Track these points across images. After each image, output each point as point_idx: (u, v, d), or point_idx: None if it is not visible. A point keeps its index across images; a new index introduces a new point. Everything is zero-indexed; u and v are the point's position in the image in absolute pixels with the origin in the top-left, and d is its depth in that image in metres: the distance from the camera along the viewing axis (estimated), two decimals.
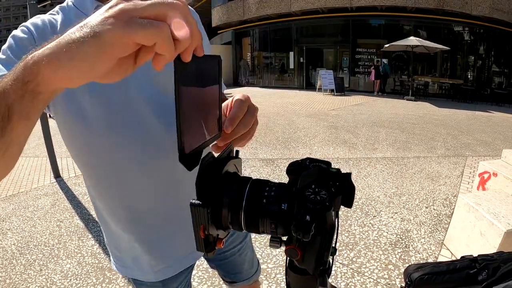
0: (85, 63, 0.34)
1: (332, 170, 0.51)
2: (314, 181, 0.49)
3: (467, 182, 4.31)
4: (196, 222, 0.48)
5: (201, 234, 0.48)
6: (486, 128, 7.81)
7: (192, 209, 0.47)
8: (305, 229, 0.43)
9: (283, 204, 0.50)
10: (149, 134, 0.81)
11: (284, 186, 0.53)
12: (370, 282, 2.36)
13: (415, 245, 2.82)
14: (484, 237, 2.41)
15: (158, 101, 0.81)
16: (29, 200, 4.20)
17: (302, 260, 0.49)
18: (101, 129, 0.78)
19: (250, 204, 0.51)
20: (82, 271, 2.63)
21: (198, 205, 0.47)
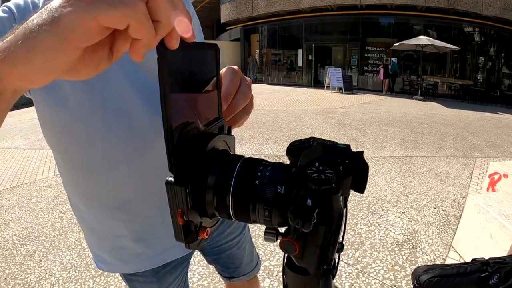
0: (43, 56, 0.28)
1: (341, 145, 0.42)
2: (318, 158, 0.40)
3: (476, 183, 4.22)
4: (172, 205, 0.39)
5: (178, 220, 0.39)
6: (495, 130, 7.69)
7: (168, 188, 0.38)
8: (305, 216, 0.34)
9: (279, 187, 0.40)
10: (133, 120, 0.75)
11: (281, 165, 0.43)
12: (375, 283, 2.30)
13: (423, 246, 2.75)
14: (494, 240, 2.34)
15: (144, 86, 0.74)
16: (33, 191, 4.19)
17: (302, 256, 0.40)
18: (83, 114, 0.71)
19: (240, 186, 0.41)
20: (81, 263, 2.61)
21: (175, 183, 0.37)
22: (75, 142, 0.75)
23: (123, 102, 0.73)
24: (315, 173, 0.37)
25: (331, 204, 0.36)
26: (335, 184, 0.37)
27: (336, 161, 0.39)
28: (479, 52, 15.30)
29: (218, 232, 1.08)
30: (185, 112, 0.40)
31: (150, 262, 0.91)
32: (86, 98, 0.70)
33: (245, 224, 1.19)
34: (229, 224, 1.10)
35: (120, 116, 0.73)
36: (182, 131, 0.38)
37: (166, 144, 0.36)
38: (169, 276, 0.97)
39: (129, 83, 0.73)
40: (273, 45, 19.66)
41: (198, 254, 2.63)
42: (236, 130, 0.63)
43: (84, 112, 0.71)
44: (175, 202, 0.38)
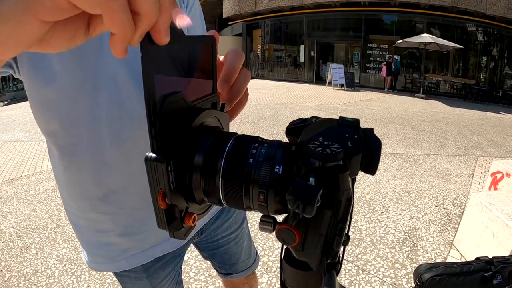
0: (6, 26, 0.25)
1: (349, 119, 0.36)
2: (323, 132, 0.34)
3: (478, 182, 4.19)
4: (153, 186, 0.33)
5: (160, 203, 0.33)
6: (497, 129, 7.65)
7: (147, 165, 0.32)
8: (307, 198, 0.28)
9: (277, 166, 0.34)
10: (125, 102, 0.69)
11: (279, 143, 0.37)
12: (375, 281, 2.27)
13: (424, 244, 2.72)
14: (496, 239, 2.31)
15: (136, 63, 0.69)
16: (31, 183, 4.17)
17: (302, 248, 0.34)
18: (71, 91, 0.66)
19: (231, 166, 0.35)
20: (77, 256, 2.58)
21: (155, 159, 0.32)
22: (61, 122, 0.70)
23: (116, 83, 0.68)
24: (319, 147, 0.32)
25: (338, 184, 0.31)
26: (343, 161, 0.31)
27: (343, 135, 0.34)
28: (482, 52, 15.20)
29: (215, 226, 1.03)
30: (171, 84, 0.35)
31: (138, 258, 0.86)
32: (75, 75, 0.65)
33: (243, 218, 1.13)
34: (226, 218, 1.05)
35: (111, 96, 0.68)
36: (165, 100, 0.32)
37: (147, 114, 0.31)
38: (161, 272, 0.92)
39: (124, 63, 0.68)
40: (275, 41, 19.58)
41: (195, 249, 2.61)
42: (236, 126, 0.58)
43: (72, 89, 0.66)
44: (155, 182, 0.33)
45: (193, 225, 0.37)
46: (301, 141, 0.34)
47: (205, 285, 2.24)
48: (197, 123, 0.37)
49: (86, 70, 0.65)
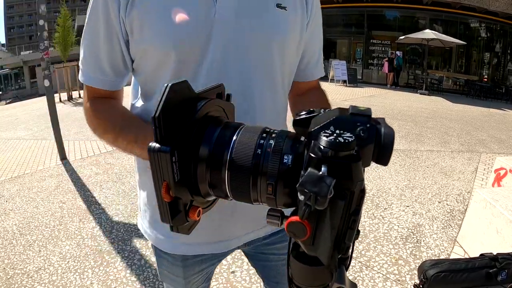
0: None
1: (360, 108, 0.35)
2: (334, 121, 0.32)
3: (481, 178, 4.17)
4: (156, 177, 0.33)
5: (163, 196, 0.32)
6: (500, 126, 7.61)
7: (151, 156, 0.32)
8: (320, 189, 0.27)
9: (285, 157, 0.33)
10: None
11: (288, 133, 0.36)
12: (379, 277, 2.26)
13: (427, 241, 2.71)
14: (500, 235, 2.30)
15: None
16: (34, 181, 4.18)
17: (312, 242, 0.31)
18: None
19: (238, 157, 0.33)
20: (80, 253, 2.58)
21: (159, 150, 0.31)
22: None
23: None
24: (330, 136, 0.30)
25: (351, 175, 0.29)
26: (355, 150, 0.30)
27: (355, 124, 0.32)
28: (485, 48, 15.14)
29: (268, 241, 0.97)
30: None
31: (183, 248, 0.86)
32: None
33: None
34: (283, 239, 0.97)
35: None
36: (170, 88, 0.31)
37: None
38: (197, 267, 0.91)
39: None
40: None
41: None
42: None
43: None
44: (159, 173, 0.32)
45: (197, 219, 0.35)
46: (311, 131, 0.33)
47: None
48: (202, 113, 0.36)
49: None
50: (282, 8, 0.73)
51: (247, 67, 0.73)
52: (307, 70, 0.91)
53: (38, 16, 4.13)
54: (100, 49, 0.74)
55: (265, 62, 0.75)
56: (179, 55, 0.69)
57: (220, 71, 0.71)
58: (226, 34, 0.70)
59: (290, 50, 0.79)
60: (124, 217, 3.15)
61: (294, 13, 0.76)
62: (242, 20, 0.70)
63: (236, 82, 0.71)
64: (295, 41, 0.79)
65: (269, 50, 0.74)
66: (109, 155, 5.10)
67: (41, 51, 4.42)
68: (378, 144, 0.32)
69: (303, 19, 0.79)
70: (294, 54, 0.81)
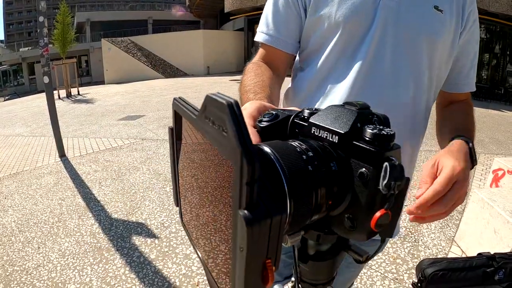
0: None
1: (359, 102, 0.36)
2: (358, 117, 0.34)
3: (479, 179, 4.19)
4: (255, 254, 0.22)
5: (268, 275, 0.24)
6: (499, 127, 7.64)
7: (255, 228, 0.22)
8: (399, 174, 0.30)
9: (332, 164, 0.32)
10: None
11: (313, 142, 0.35)
12: (377, 276, 2.27)
13: (425, 240, 2.72)
14: (498, 235, 2.31)
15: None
16: (33, 178, 4.18)
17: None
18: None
19: (296, 184, 0.29)
20: (79, 250, 2.59)
21: (273, 213, 0.22)
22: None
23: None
24: (375, 129, 0.32)
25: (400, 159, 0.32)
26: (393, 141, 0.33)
27: (368, 116, 0.35)
28: (484, 49, 15.15)
29: None
30: None
31: None
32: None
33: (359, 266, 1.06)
34: None
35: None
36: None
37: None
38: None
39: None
40: None
41: None
42: None
43: None
44: (259, 248, 0.22)
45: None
46: (350, 130, 0.33)
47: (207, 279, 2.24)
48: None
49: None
50: (439, 10, 0.79)
51: (399, 54, 0.80)
52: (456, 80, 0.94)
53: (38, 13, 4.12)
54: (280, 13, 0.88)
55: (413, 56, 0.81)
56: (346, 28, 0.79)
57: (377, 52, 0.79)
58: (386, 19, 0.78)
59: (439, 52, 0.83)
60: (123, 214, 3.15)
61: (450, 17, 0.81)
62: (401, 10, 0.78)
63: (388, 65, 0.79)
64: (445, 45, 0.83)
65: (419, 45, 0.80)
66: (108, 152, 5.10)
67: (40, 47, 4.42)
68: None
69: (457, 27, 0.83)
70: (444, 58, 0.85)
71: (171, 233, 2.81)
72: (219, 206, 0.25)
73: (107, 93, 13.68)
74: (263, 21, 0.91)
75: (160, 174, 4.17)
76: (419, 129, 0.90)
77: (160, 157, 4.83)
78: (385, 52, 0.79)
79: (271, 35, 0.89)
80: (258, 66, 0.87)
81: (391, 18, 0.78)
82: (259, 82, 0.77)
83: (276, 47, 0.88)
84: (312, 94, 0.87)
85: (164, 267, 2.36)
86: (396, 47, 0.79)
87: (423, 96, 0.85)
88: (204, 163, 0.27)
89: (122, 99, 11.07)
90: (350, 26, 0.79)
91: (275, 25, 0.88)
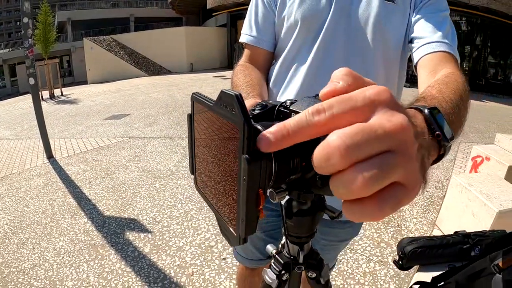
0: None
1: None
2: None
3: (459, 166, 4.35)
4: (252, 187, 0.33)
5: (260, 203, 0.33)
6: (479, 117, 7.85)
7: (254, 165, 0.33)
8: None
9: None
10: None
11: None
12: (362, 259, 2.39)
13: (407, 225, 2.85)
14: (476, 218, 2.43)
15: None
16: (22, 180, 4.17)
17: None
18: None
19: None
20: (74, 248, 2.63)
21: (265, 157, 0.33)
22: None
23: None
24: None
25: None
26: None
27: None
28: (465, 41, 15.47)
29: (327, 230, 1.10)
30: None
31: None
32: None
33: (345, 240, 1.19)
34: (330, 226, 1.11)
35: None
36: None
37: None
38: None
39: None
40: None
41: (189, 235, 2.69)
42: None
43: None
44: (255, 182, 0.32)
45: (264, 216, 0.38)
46: None
47: (200, 269, 2.33)
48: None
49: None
50: (390, 1, 0.89)
51: (351, 42, 0.91)
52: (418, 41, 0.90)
53: (22, 14, 4.10)
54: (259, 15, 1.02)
55: (364, 42, 0.91)
56: (303, 25, 0.92)
57: (330, 41, 0.91)
58: (339, 13, 0.90)
59: (393, 40, 0.93)
60: (115, 211, 3.20)
61: (403, 6, 0.90)
62: (354, 4, 0.90)
63: (340, 52, 0.91)
64: (399, 31, 0.92)
65: (370, 32, 0.90)
66: (96, 152, 5.11)
67: (25, 49, 4.39)
68: None
69: (411, 15, 0.92)
70: (398, 46, 0.95)
71: (163, 227, 2.87)
72: (227, 161, 0.36)
73: (91, 93, 13.54)
74: (246, 23, 1.05)
75: (149, 171, 4.22)
76: None
77: (148, 155, 4.87)
78: (337, 40, 0.90)
79: (254, 36, 1.03)
80: (246, 68, 0.99)
81: (344, 11, 0.89)
82: (248, 82, 0.88)
83: (258, 46, 1.02)
84: (279, 81, 1.01)
85: (159, 260, 2.43)
86: (348, 36, 0.90)
87: (378, 77, 0.95)
88: (215, 136, 0.38)
89: (107, 99, 11.00)
90: (307, 23, 0.92)
91: (256, 26, 1.02)
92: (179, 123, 6.73)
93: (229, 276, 2.25)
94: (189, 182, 3.81)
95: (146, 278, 2.24)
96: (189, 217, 3.04)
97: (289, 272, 0.65)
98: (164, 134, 5.91)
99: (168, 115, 7.59)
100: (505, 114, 8.66)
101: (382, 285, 2.14)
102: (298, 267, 0.63)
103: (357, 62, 0.91)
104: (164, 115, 7.56)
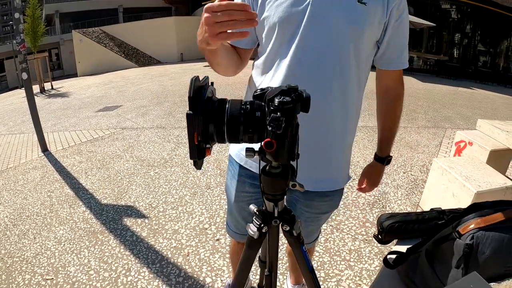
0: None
1: (292, 85, 0.62)
2: (280, 93, 0.60)
3: (444, 151, 4.49)
4: (191, 130, 0.59)
5: (194, 141, 0.59)
6: (467, 103, 7.99)
7: (189, 118, 0.58)
8: (278, 122, 0.55)
9: (257, 113, 0.61)
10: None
11: (256, 101, 0.64)
12: (348, 238, 2.53)
13: (392, 206, 3.00)
14: (456, 198, 2.56)
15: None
16: (19, 174, 4.23)
17: (277, 153, 0.60)
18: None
19: (232, 117, 0.61)
20: (75, 236, 2.73)
21: (195, 114, 0.58)
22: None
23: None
24: (279, 99, 0.58)
25: (293, 116, 0.58)
26: (293, 104, 0.58)
27: (290, 94, 0.60)
28: (455, 29, 15.58)
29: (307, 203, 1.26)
30: None
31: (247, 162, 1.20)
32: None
33: (327, 213, 1.37)
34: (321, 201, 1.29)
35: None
36: (196, 79, 0.60)
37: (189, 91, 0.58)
38: (247, 186, 1.22)
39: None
40: None
41: (184, 218, 2.81)
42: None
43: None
44: (193, 127, 0.58)
45: (210, 155, 0.63)
46: (269, 98, 0.61)
47: (196, 249, 2.45)
48: (208, 94, 0.64)
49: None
50: (362, 3, 0.96)
51: (322, 41, 0.99)
52: (386, 58, 1.15)
53: (13, 9, 4.13)
54: None
55: (337, 42, 0.99)
56: (281, 27, 1.00)
57: (305, 41, 0.99)
58: (314, 15, 0.97)
59: (365, 38, 1.02)
60: (112, 199, 3.30)
61: (374, 8, 0.98)
62: (328, 6, 0.97)
63: (312, 50, 0.99)
64: (371, 31, 1.02)
65: (342, 33, 0.98)
66: (90, 143, 5.19)
67: (17, 44, 4.43)
68: (302, 101, 0.60)
69: (382, 16, 1.01)
70: (369, 44, 1.05)
71: (159, 212, 2.99)
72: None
73: (81, 85, 13.49)
74: None
75: (143, 160, 4.32)
76: (350, 98, 1.13)
77: (142, 144, 4.96)
78: (310, 40, 0.99)
79: None
80: None
81: (318, 12, 0.97)
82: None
83: (236, 46, 1.13)
84: (261, 78, 1.13)
85: (156, 243, 2.55)
86: (321, 36, 0.98)
87: (350, 72, 1.05)
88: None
89: (98, 91, 10.99)
90: (284, 25, 1.00)
91: None
92: (171, 113, 6.80)
93: (223, 255, 2.37)
94: (182, 169, 3.92)
95: (145, 260, 2.36)
96: (184, 202, 3.15)
97: (267, 225, 0.80)
98: (156, 124, 6.00)
99: (159, 105, 7.65)
100: (493, 101, 8.83)
101: (367, 261, 2.28)
102: (274, 221, 0.78)
103: (332, 62, 1.01)
104: (156, 106, 7.63)
